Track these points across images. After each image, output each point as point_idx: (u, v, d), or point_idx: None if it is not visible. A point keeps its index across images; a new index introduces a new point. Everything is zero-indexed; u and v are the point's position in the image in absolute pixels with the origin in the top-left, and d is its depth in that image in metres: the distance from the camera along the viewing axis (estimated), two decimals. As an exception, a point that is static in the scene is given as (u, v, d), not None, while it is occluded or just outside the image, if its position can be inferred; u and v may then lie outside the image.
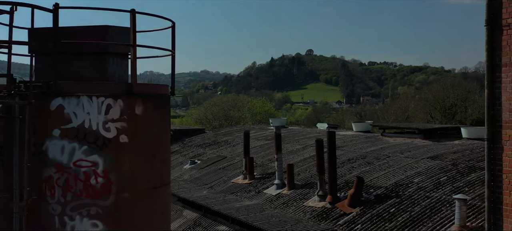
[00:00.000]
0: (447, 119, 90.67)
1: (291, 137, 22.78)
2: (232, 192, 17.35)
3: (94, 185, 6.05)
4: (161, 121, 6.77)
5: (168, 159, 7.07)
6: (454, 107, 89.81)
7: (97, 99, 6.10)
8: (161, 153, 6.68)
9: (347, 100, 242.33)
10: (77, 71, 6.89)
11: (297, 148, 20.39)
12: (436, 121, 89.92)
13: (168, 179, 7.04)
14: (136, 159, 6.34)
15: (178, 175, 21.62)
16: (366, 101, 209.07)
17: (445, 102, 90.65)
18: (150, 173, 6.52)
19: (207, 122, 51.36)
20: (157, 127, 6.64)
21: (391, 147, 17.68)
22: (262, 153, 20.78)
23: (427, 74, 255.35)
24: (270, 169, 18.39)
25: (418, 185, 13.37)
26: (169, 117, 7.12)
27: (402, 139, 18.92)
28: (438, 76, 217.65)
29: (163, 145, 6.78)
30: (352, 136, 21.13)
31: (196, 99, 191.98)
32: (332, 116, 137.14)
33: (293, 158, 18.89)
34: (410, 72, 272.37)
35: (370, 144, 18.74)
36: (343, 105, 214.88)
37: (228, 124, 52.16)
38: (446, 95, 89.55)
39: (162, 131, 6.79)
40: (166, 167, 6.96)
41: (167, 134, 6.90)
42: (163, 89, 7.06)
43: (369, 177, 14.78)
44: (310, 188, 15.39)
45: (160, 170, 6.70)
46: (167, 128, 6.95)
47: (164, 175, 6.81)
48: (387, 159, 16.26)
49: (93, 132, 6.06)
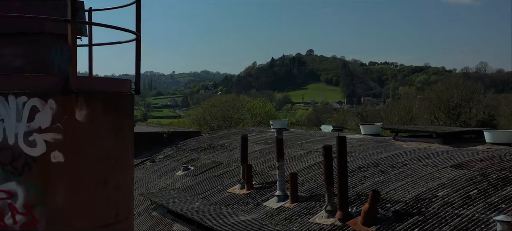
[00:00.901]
0: (452, 119, 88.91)
1: (293, 140, 20.82)
2: (228, 203, 15.41)
3: (10, 226, 4.08)
4: (116, 130, 4.79)
5: (127, 183, 5.09)
6: (459, 107, 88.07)
7: (15, 100, 4.16)
8: (116, 176, 4.72)
9: (348, 100, 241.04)
10: (6, 62, 4.96)
11: (301, 153, 18.43)
12: (440, 121, 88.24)
13: (128, 211, 5.05)
14: (76, 186, 4.37)
15: (169, 182, 19.68)
16: (367, 102, 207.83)
17: (449, 102, 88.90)
18: (99, 205, 4.56)
19: (205, 123, 49.37)
20: (110, 139, 4.68)
21: (407, 153, 15.71)
22: (261, 159, 18.83)
23: (428, 74, 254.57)
24: (270, 178, 16.45)
25: (444, 199, 11.41)
26: (130, 123, 5.16)
27: (418, 144, 16.96)
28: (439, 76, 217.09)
29: (119, 165, 4.81)
30: (360, 140, 19.16)
31: (196, 100, 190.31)
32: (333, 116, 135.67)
33: (296, 165, 16.94)
34: (411, 73, 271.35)
35: (382, 150, 16.77)
36: (344, 105, 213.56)
37: (227, 124, 50.21)
38: (450, 95, 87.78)
39: (119, 145, 4.83)
40: (125, 195, 4.99)
41: (127, 148, 4.95)
42: (120, 85, 5.07)
43: (384, 189, 12.83)
44: (316, 201, 13.43)
45: (115, 201, 4.73)
46: (127, 140, 4.99)
47: (121, 206, 4.83)
48: (403, 167, 14.29)
49: (9, 147, 4.11)
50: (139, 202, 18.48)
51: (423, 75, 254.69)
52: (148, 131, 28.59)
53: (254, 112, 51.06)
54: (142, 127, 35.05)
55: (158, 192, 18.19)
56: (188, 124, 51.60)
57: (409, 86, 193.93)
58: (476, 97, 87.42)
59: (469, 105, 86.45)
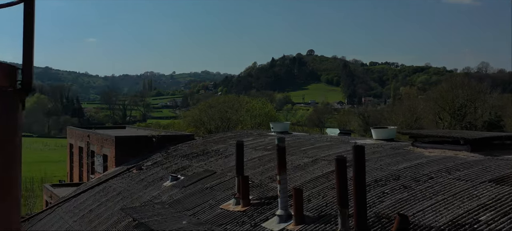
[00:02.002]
0: (457, 120, 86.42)
1: (296, 146, 18.44)
2: (220, 223, 13.03)
3: None
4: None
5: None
6: (464, 108, 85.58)
7: None
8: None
9: (349, 100, 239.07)
10: None
11: (305, 161, 16.04)
12: (445, 122, 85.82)
13: None
14: None
15: (156, 194, 17.32)
16: (368, 102, 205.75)
17: (454, 103, 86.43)
18: None
19: (202, 125, 46.90)
20: None
21: (431, 163, 13.32)
22: (260, 168, 16.45)
23: (429, 74, 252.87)
24: (270, 191, 14.08)
25: (490, 226, 9.02)
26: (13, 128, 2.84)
27: (442, 151, 14.57)
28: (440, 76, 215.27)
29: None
30: (373, 146, 16.75)
31: (196, 100, 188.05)
32: (335, 117, 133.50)
33: (301, 176, 14.56)
34: (412, 73, 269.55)
35: (401, 158, 14.38)
36: (345, 106, 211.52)
37: (225, 126, 47.87)
38: (455, 96, 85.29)
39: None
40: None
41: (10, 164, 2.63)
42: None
43: (409, 210, 10.45)
44: (326, 223, 11.06)
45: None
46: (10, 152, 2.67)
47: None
48: (430, 181, 11.89)
49: None
50: (120, 218, 16.13)
51: (424, 76, 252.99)
52: (137, 134, 26.23)
53: (253, 113, 48.56)
54: (132, 130, 32.75)
55: (141, 207, 15.82)
56: (184, 126, 49.15)
57: (410, 86, 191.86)
58: (482, 97, 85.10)
59: (474, 106, 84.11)
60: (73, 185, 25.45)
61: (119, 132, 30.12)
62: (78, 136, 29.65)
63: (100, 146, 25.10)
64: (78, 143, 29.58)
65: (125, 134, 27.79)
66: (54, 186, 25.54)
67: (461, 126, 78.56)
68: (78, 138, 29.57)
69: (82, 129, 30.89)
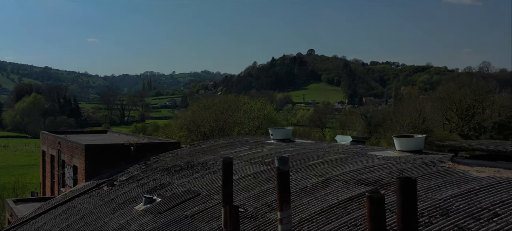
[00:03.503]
0: (465, 121, 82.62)
1: (301, 159, 14.81)
2: (198, 273, 9.45)
3: None
4: None
5: None
6: (472, 108, 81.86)
7: None
8: None
9: (350, 100, 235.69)
10: None
11: (314, 182, 12.42)
12: (452, 123, 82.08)
13: None
14: None
15: (124, 221, 13.72)
16: (369, 102, 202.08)
17: (461, 103, 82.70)
18: None
19: (195, 128, 43.15)
20: None
21: (489, 190, 9.72)
22: (256, 190, 12.83)
23: (430, 74, 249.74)
24: (268, 226, 10.50)
25: None
26: None
27: (495, 171, 10.98)
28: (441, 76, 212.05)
29: None
30: (399, 161, 13.15)
31: (195, 100, 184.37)
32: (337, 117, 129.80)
33: (308, 204, 10.96)
34: (413, 72, 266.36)
35: (443, 181, 10.77)
36: (346, 105, 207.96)
37: (221, 128, 44.26)
38: (462, 96, 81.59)
39: None
40: None
41: None
42: None
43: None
44: None
45: None
46: None
47: None
48: (496, 219, 8.30)
49: None
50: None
51: (425, 75, 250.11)
52: (113, 142, 22.61)
53: (251, 115, 44.79)
54: (114, 136, 29.09)
55: (100, 242, 12.22)
56: (175, 129, 45.35)
57: (411, 86, 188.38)
58: (490, 97, 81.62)
59: (482, 106, 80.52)
60: (39, 200, 21.90)
61: (96, 138, 26.49)
62: (51, 142, 26.00)
63: (70, 155, 21.51)
64: (50, 150, 25.97)
65: (102, 141, 24.13)
66: (17, 202, 21.99)
67: (470, 127, 75.07)
68: (51, 145, 25.93)
69: (54, 134, 27.18)
